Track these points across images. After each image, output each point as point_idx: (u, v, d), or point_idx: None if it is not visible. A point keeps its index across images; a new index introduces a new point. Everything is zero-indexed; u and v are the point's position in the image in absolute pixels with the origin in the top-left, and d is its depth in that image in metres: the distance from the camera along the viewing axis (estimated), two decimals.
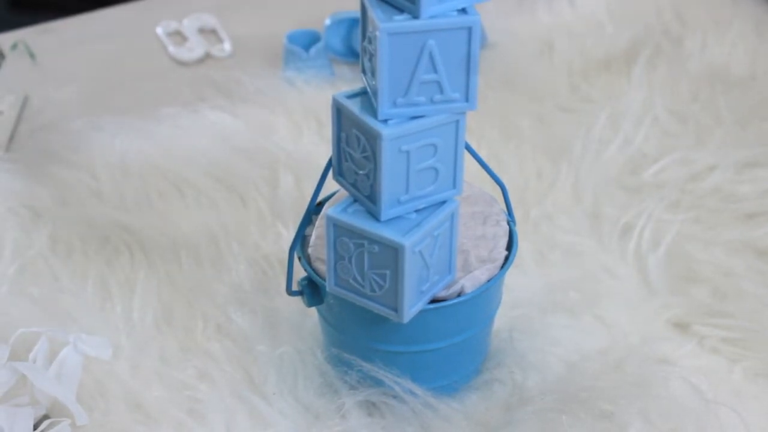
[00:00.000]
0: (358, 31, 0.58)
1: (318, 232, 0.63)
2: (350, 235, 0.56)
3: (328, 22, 0.96)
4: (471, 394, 0.65)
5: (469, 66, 0.53)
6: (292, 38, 0.94)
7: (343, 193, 0.61)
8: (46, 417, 0.63)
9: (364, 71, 0.55)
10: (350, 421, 0.62)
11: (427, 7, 0.51)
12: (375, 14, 0.52)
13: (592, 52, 1.00)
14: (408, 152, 0.54)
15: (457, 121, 0.55)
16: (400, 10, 0.52)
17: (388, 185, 0.54)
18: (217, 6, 1.05)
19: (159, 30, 1.01)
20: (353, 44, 0.95)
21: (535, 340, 0.69)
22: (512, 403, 0.65)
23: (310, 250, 0.63)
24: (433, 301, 0.60)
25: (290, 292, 0.64)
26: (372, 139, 0.54)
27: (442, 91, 0.53)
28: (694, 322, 0.71)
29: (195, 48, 0.98)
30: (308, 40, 0.95)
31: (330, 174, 0.59)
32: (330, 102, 0.57)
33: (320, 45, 0.94)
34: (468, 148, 0.59)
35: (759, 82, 0.96)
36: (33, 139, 0.87)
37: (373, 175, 0.54)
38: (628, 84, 0.95)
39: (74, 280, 0.73)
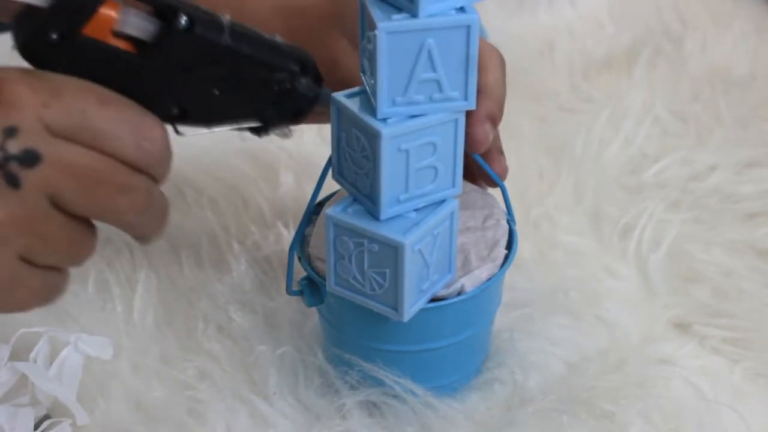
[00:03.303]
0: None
1: (318, 231, 0.63)
2: (350, 235, 0.56)
3: None
4: (472, 394, 0.65)
5: (468, 65, 0.53)
6: None
7: (343, 193, 0.61)
8: (46, 417, 0.62)
9: (363, 71, 0.55)
10: (351, 421, 0.62)
11: (425, 5, 0.51)
12: (373, 13, 0.52)
13: (592, 52, 1.00)
14: (407, 151, 0.54)
15: (456, 120, 0.55)
16: (399, 9, 0.52)
17: (388, 184, 0.54)
18: None
19: None
20: None
21: (536, 340, 0.69)
22: (513, 403, 0.65)
23: (310, 250, 0.63)
24: (433, 300, 0.60)
25: (290, 292, 0.64)
26: (371, 138, 0.54)
27: (441, 90, 0.53)
28: (695, 322, 0.71)
29: None
30: None
31: (330, 174, 0.59)
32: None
33: None
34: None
35: (759, 82, 0.96)
36: None
37: (373, 174, 0.54)
38: (629, 84, 0.95)
39: (75, 280, 0.73)
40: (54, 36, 0.48)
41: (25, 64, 0.50)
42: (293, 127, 0.56)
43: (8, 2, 0.48)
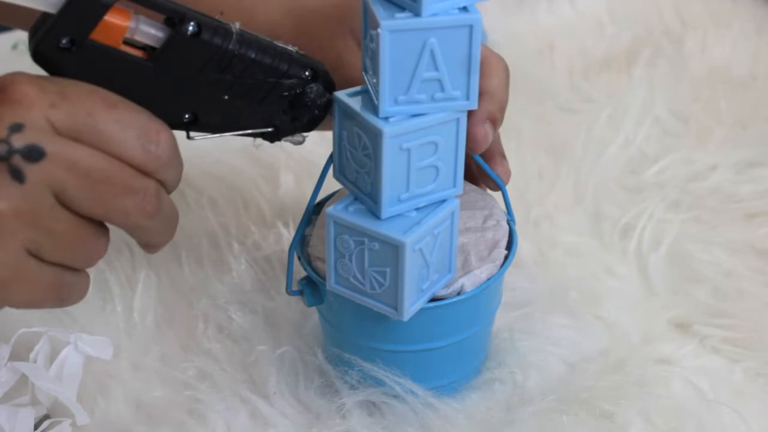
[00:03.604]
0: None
1: (318, 231, 0.63)
2: (351, 233, 0.56)
3: None
4: (471, 394, 0.65)
5: (470, 64, 0.53)
6: None
7: (342, 193, 0.61)
8: (46, 417, 0.62)
9: (365, 69, 0.55)
10: (351, 421, 0.62)
11: (428, 5, 0.51)
12: (376, 12, 0.52)
13: (592, 52, 1.00)
14: (409, 150, 0.54)
15: (458, 120, 0.55)
16: (402, 8, 0.52)
17: (389, 183, 0.54)
18: None
19: None
20: None
21: (536, 340, 0.69)
22: (513, 403, 0.65)
23: (309, 250, 0.63)
24: (433, 299, 0.60)
25: (290, 291, 0.64)
26: (373, 136, 0.54)
27: (443, 89, 0.53)
28: (695, 322, 0.71)
29: None
30: None
31: (330, 173, 0.59)
32: None
33: None
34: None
35: (759, 82, 0.96)
36: None
37: (374, 172, 0.54)
38: (629, 84, 0.96)
39: None
40: (64, 41, 0.49)
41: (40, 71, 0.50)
42: (306, 134, 0.57)
43: (16, 8, 0.49)
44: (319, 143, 0.85)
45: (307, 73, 0.54)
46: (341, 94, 0.56)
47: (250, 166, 0.83)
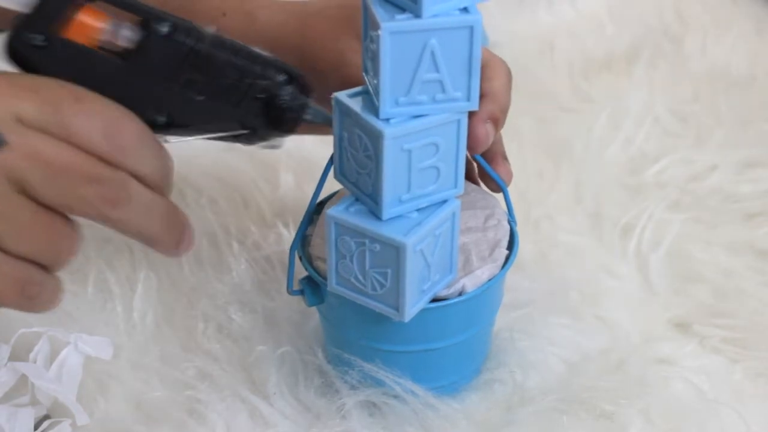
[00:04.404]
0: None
1: (319, 231, 0.63)
2: (352, 234, 0.56)
3: None
4: (472, 394, 0.65)
5: (470, 65, 0.53)
6: None
7: (343, 193, 0.61)
8: (46, 417, 0.62)
9: (366, 71, 0.55)
10: (351, 421, 0.62)
11: (428, 6, 0.51)
12: (377, 13, 0.52)
13: (592, 52, 1.00)
14: (410, 151, 0.54)
15: (459, 120, 0.55)
16: (402, 9, 0.52)
17: (390, 184, 0.54)
18: None
19: None
20: None
21: (536, 340, 0.69)
22: (513, 403, 0.65)
23: (310, 250, 0.63)
24: (434, 300, 0.60)
25: (291, 291, 0.64)
26: (374, 138, 0.54)
27: (443, 90, 0.53)
28: (695, 322, 0.71)
29: None
30: None
31: (331, 173, 0.59)
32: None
33: None
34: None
35: (759, 82, 0.96)
36: None
37: (375, 174, 0.54)
38: (629, 84, 0.96)
39: (75, 280, 0.73)
40: (38, 39, 0.49)
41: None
42: (282, 139, 0.57)
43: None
44: (318, 143, 0.86)
45: (280, 76, 0.54)
46: (342, 95, 0.55)
47: (250, 166, 0.83)
